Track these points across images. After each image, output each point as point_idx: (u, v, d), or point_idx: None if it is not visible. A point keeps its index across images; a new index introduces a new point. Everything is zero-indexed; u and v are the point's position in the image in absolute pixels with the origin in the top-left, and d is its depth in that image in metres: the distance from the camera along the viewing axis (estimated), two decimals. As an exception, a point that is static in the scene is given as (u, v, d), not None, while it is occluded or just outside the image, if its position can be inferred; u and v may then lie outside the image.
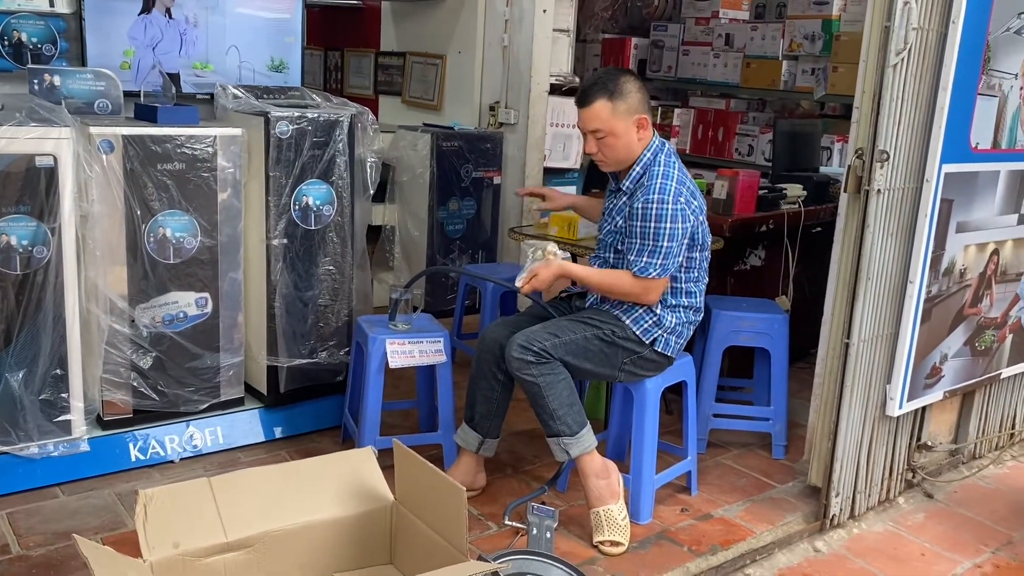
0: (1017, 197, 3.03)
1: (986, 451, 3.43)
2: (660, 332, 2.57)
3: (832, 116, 5.72)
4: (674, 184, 2.48)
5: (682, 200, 2.47)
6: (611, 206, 2.67)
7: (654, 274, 2.47)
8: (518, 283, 2.53)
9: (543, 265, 2.52)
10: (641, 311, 2.57)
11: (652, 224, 2.45)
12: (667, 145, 2.62)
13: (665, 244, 2.45)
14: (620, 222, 2.59)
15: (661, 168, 2.52)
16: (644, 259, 2.47)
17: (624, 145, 2.53)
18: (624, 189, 2.59)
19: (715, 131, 5.87)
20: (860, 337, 2.66)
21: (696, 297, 2.65)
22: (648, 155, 2.56)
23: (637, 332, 2.54)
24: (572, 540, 2.54)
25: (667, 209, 2.44)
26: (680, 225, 2.46)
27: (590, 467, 2.51)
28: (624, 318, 2.56)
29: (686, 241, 2.51)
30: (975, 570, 2.66)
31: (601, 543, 2.47)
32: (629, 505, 2.65)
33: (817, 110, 5.81)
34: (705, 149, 5.91)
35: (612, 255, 2.64)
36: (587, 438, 2.51)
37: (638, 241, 2.48)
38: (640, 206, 2.46)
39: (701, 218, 2.59)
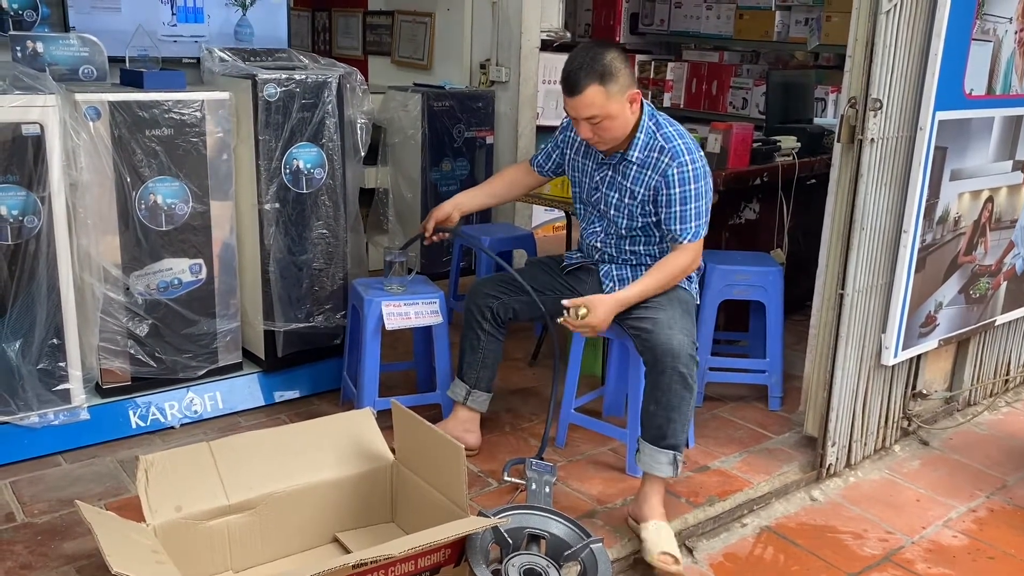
0: (1011, 143, 3.01)
1: (981, 398, 3.46)
2: (694, 285, 2.66)
3: (826, 67, 5.66)
4: (690, 140, 2.49)
5: (702, 153, 2.50)
6: (611, 176, 2.58)
7: (703, 234, 2.50)
8: (567, 316, 2.43)
9: (592, 313, 2.41)
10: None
11: (691, 187, 2.44)
12: (650, 107, 2.58)
13: (704, 204, 2.48)
14: (641, 191, 2.52)
15: (672, 129, 2.50)
16: (692, 224, 2.48)
17: (621, 124, 2.46)
18: (633, 159, 2.52)
19: (709, 85, 5.82)
20: (855, 287, 2.67)
21: None
22: (647, 121, 2.51)
23: (693, 292, 2.63)
24: (571, 494, 2.57)
25: (700, 167, 2.46)
26: (709, 179, 2.50)
27: (664, 484, 2.42)
28: (685, 284, 2.60)
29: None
30: (970, 514, 2.69)
31: (664, 554, 2.25)
32: (626, 458, 2.68)
33: (811, 61, 5.76)
34: (699, 103, 5.86)
35: (627, 222, 2.58)
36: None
37: (678, 208, 2.46)
38: (676, 172, 2.44)
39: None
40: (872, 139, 2.55)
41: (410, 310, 2.77)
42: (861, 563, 2.41)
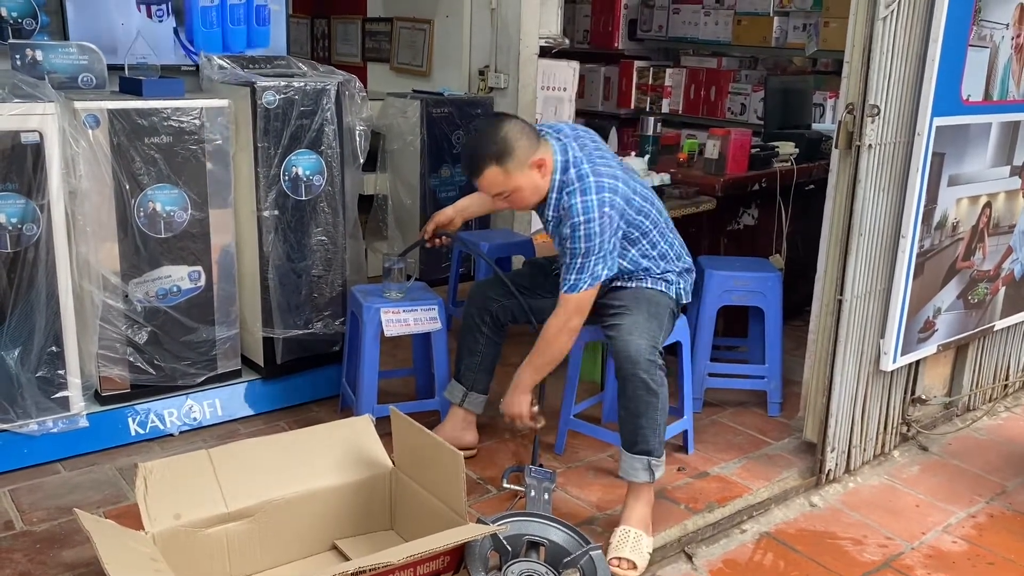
0: (1009, 149, 3.02)
1: (980, 403, 3.46)
2: (676, 287, 2.61)
3: (824, 72, 5.68)
4: (593, 196, 2.37)
5: (606, 208, 2.37)
6: (546, 223, 2.58)
7: (583, 288, 2.41)
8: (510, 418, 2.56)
9: (507, 402, 2.54)
10: (663, 276, 2.57)
11: (582, 244, 2.38)
12: (568, 148, 2.46)
13: (590, 262, 2.39)
14: (558, 242, 2.53)
15: (575, 184, 2.40)
16: (573, 276, 2.41)
17: (531, 192, 2.44)
18: (549, 217, 2.51)
19: (707, 90, 5.83)
20: (853, 293, 2.67)
21: (676, 253, 2.61)
22: (557, 177, 2.44)
23: (671, 294, 2.58)
24: (570, 501, 2.57)
25: (594, 227, 2.37)
26: (610, 232, 2.39)
27: (650, 494, 2.42)
28: (660, 286, 2.56)
29: (622, 228, 2.45)
30: (969, 520, 2.69)
31: (619, 559, 2.26)
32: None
33: (809, 66, 5.77)
34: (697, 109, 5.88)
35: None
36: (664, 463, 2.44)
37: (568, 259, 2.42)
38: (568, 231, 2.39)
39: (633, 196, 2.47)
40: (870, 145, 2.55)
41: (409, 317, 2.77)
42: (861, 569, 2.41)
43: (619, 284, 2.57)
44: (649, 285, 2.56)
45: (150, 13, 3.00)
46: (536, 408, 2.57)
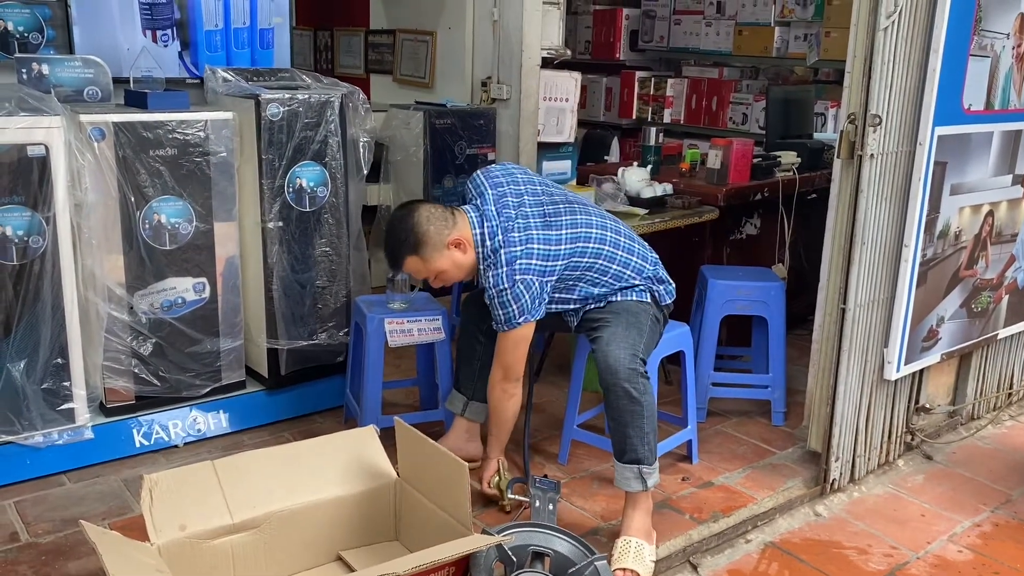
0: (1011, 158, 3.03)
1: (984, 412, 3.45)
2: (648, 293, 2.57)
3: (825, 82, 5.69)
4: (503, 269, 2.39)
5: (517, 276, 2.38)
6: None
7: (520, 320, 2.41)
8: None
9: (482, 469, 2.60)
10: (637, 285, 2.54)
11: (501, 312, 2.41)
12: (485, 218, 2.46)
13: (520, 317, 2.41)
14: None
15: (491, 258, 2.43)
16: (503, 326, 2.44)
17: (456, 270, 2.48)
18: (487, 284, 2.50)
19: (708, 100, 5.84)
20: (856, 302, 2.67)
21: (634, 269, 2.55)
22: (479, 250, 2.46)
23: (647, 300, 2.56)
24: (575, 511, 2.56)
25: (507, 296, 2.38)
26: (529, 295, 2.39)
27: (648, 503, 2.41)
28: (635, 295, 2.55)
29: (552, 280, 2.45)
30: (974, 529, 2.68)
31: (623, 571, 2.26)
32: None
33: (810, 76, 5.78)
34: (699, 119, 5.89)
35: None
36: (658, 470, 2.45)
37: (495, 322, 2.45)
38: (488, 300, 2.44)
39: (554, 249, 2.44)
40: (872, 154, 2.56)
41: (413, 327, 2.78)
42: (866, 579, 2.41)
43: (592, 305, 2.56)
44: (621, 298, 2.55)
45: (155, 37, 3.02)
46: (499, 479, 2.58)
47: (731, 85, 5.75)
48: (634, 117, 6.13)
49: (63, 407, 2.64)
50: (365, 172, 3.11)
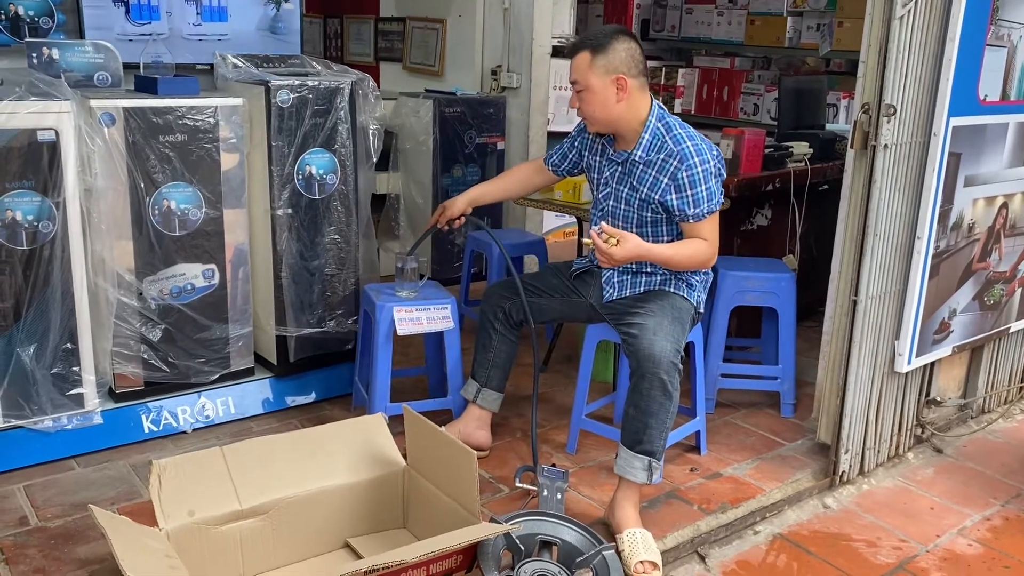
0: (1026, 149, 3.00)
1: (995, 405, 3.43)
2: (697, 293, 2.62)
3: (838, 72, 5.65)
4: (700, 142, 2.46)
5: (715, 151, 2.47)
6: (620, 174, 2.57)
7: (721, 198, 2.49)
8: (590, 238, 2.36)
9: (620, 246, 2.34)
10: (689, 280, 2.58)
11: (702, 188, 2.43)
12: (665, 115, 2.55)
13: (716, 201, 2.47)
14: (645, 191, 2.50)
15: (682, 131, 2.47)
16: (706, 192, 2.46)
17: (600, 102, 2.46)
18: (638, 159, 2.51)
19: (720, 90, 5.81)
20: (868, 294, 2.65)
21: (704, 271, 2.65)
22: (654, 120, 2.49)
23: (692, 300, 2.58)
24: (583, 501, 2.56)
25: (710, 168, 2.44)
26: (721, 178, 2.49)
27: (639, 494, 2.42)
28: (685, 291, 2.57)
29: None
30: (984, 523, 2.67)
31: (643, 563, 2.23)
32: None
33: (823, 67, 5.75)
34: (710, 109, 5.86)
35: (635, 218, 2.56)
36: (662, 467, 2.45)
37: (693, 208, 2.45)
38: (685, 175, 2.42)
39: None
40: (885, 145, 2.54)
41: (422, 315, 2.77)
42: (875, 571, 2.40)
43: (649, 271, 2.57)
44: (673, 289, 2.56)
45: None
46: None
47: (743, 75, 5.72)
48: (645, 107, 6.10)
49: (72, 392, 2.65)
50: (374, 160, 3.11)
